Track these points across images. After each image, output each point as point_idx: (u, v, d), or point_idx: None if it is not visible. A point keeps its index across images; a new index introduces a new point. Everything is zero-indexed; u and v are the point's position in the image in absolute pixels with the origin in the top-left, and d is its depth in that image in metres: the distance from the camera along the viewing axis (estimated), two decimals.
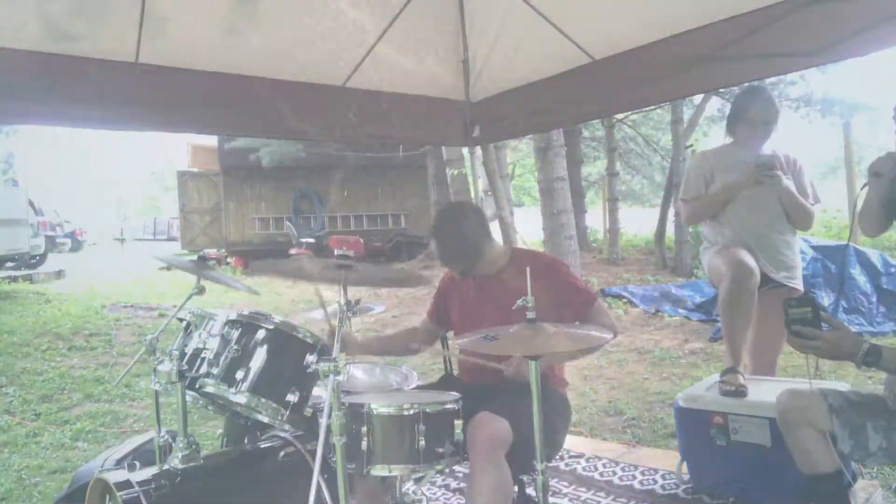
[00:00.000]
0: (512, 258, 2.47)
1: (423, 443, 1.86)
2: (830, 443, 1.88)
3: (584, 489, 2.94)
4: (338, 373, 1.80)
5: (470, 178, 12.06)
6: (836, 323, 1.82)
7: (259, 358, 2.15)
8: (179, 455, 2.12)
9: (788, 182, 3.00)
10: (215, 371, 2.16)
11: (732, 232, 3.03)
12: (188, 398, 2.29)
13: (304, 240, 13.93)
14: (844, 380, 2.89)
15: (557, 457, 3.09)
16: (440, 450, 1.89)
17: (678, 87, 3.10)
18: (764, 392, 2.66)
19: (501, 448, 1.99)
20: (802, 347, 1.79)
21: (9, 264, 13.04)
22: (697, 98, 11.09)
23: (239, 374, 2.12)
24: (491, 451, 1.97)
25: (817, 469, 1.87)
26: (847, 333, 1.80)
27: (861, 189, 2.30)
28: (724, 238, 3.06)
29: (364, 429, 1.87)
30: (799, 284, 3.05)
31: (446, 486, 3.03)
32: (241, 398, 2.12)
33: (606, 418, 4.18)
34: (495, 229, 3.60)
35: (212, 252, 16.20)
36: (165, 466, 2.12)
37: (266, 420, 2.19)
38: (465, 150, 11.30)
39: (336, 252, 2.17)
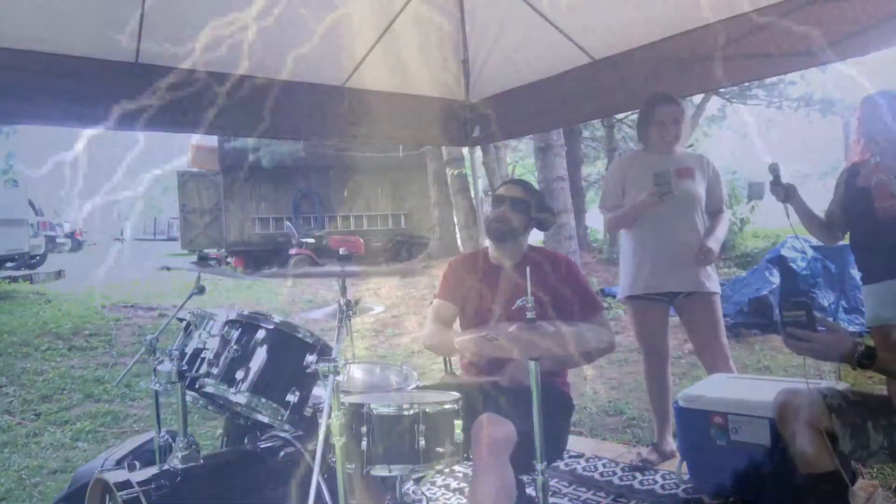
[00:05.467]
0: (526, 255, 2.47)
1: (423, 443, 1.86)
2: (828, 442, 1.88)
3: (584, 489, 2.94)
4: (338, 373, 1.80)
5: (470, 178, 12.09)
6: (831, 325, 1.84)
7: (259, 358, 2.15)
8: (179, 455, 2.12)
9: (699, 188, 3.06)
10: (215, 371, 2.15)
11: (638, 249, 3.10)
12: (188, 398, 2.29)
13: (304, 240, 13.93)
14: (844, 380, 2.89)
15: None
16: (440, 450, 1.89)
17: (678, 87, 3.10)
18: (764, 392, 2.66)
19: (506, 450, 1.98)
20: (797, 349, 1.80)
21: (9, 264, 13.05)
22: (697, 98, 11.11)
23: (239, 374, 2.11)
24: (495, 452, 1.96)
25: (816, 468, 1.87)
26: (842, 335, 1.81)
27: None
28: (630, 253, 3.14)
29: (364, 429, 1.87)
30: (714, 286, 3.07)
31: (446, 486, 3.03)
32: (241, 398, 2.12)
33: (606, 418, 4.18)
34: None
35: (212, 252, 16.22)
36: (165, 466, 2.11)
37: (266, 420, 2.19)
38: (465, 150, 11.33)
39: (339, 252, 2.17)
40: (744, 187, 12.26)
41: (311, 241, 13.87)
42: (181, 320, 2.42)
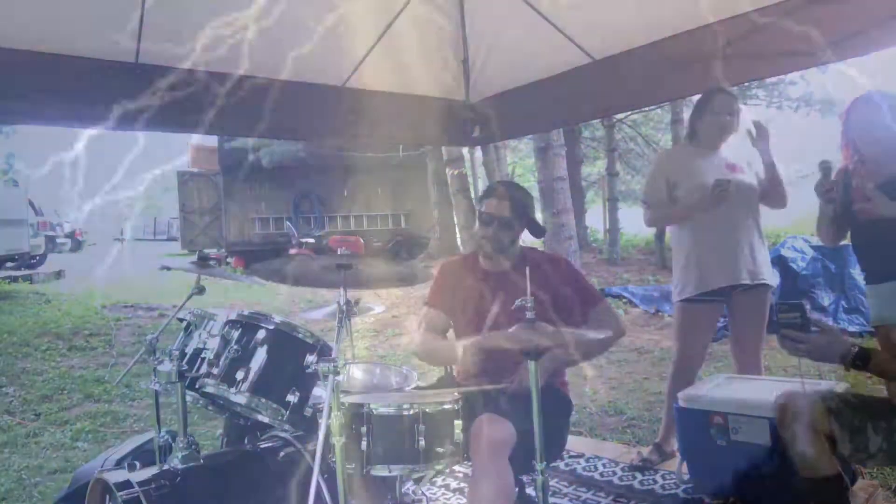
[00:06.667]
0: (522, 256, 2.46)
1: (423, 443, 1.86)
2: (828, 445, 1.88)
3: (584, 489, 2.94)
4: (338, 373, 1.80)
5: (470, 178, 12.10)
6: (825, 326, 1.86)
7: (259, 358, 2.15)
8: (179, 455, 2.12)
9: (751, 180, 3.04)
10: (215, 371, 2.15)
11: (697, 241, 3.04)
12: (188, 398, 2.29)
13: (304, 240, 13.92)
14: (844, 380, 2.89)
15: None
16: (440, 450, 1.89)
17: (678, 87, 3.11)
18: (764, 392, 2.66)
19: (505, 450, 1.98)
20: (792, 350, 1.82)
21: (9, 264, 13.05)
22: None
23: (239, 375, 2.12)
24: (494, 453, 1.96)
25: (817, 472, 1.87)
26: (836, 337, 1.83)
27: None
28: (689, 248, 3.07)
29: (364, 429, 1.87)
30: (769, 278, 3.07)
31: (446, 486, 3.03)
32: (241, 398, 2.12)
33: (606, 418, 4.18)
34: None
35: (212, 252, 16.21)
36: (165, 466, 2.11)
37: (266, 420, 2.19)
38: (465, 150, 11.33)
39: (338, 252, 2.17)
40: None
41: (311, 241, 13.86)
42: (181, 320, 2.42)
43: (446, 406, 1.94)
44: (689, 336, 3.14)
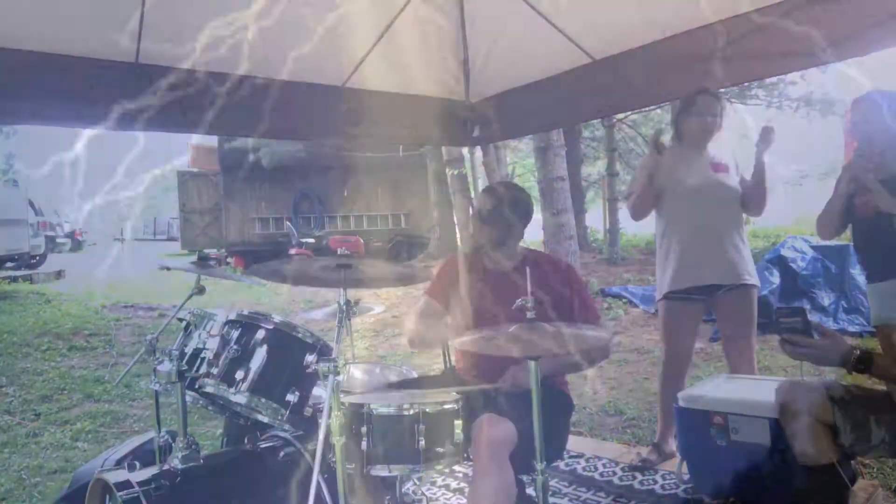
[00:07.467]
0: (525, 257, 2.46)
1: (423, 443, 1.86)
2: (830, 435, 1.89)
3: (584, 489, 2.94)
4: (338, 373, 1.80)
5: (470, 178, 12.08)
6: (826, 331, 1.87)
7: (259, 358, 2.15)
8: (179, 455, 2.12)
9: (734, 181, 3.05)
10: (215, 371, 2.15)
11: (679, 244, 3.05)
12: (188, 398, 2.29)
13: (304, 240, 13.91)
14: (844, 379, 2.89)
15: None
16: (440, 450, 1.89)
17: (678, 87, 3.10)
18: (764, 392, 2.66)
19: (506, 450, 1.98)
20: (794, 354, 1.83)
21: (9, 264, 13.05)
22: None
23: (239, 374, 2.12)
24: (495, 452, 1.96)
25: (816, 460, 1.88)
26: (837, 341, 1.84)
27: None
28: (668, 247, 3.09)
29: (364, 429, 1.87)
30: (754, 279, 3.07)
31: (446, 486, 3.03)
32: (241, 398, 2.12)
33: (606, 418, 4.18)
34: None
35: (212, 252, 16.20)
36: (165, 466, 2.11)
37: (266, 420, 2.19)
38: (465, 150, 11.33)
39: (338, 252, 2.17)
40: None
41: (311, 241, 13.85)
42: (181, 320, 2.42)
43: (446, 406, 1.94)
44: (672, 334, 3.17)
